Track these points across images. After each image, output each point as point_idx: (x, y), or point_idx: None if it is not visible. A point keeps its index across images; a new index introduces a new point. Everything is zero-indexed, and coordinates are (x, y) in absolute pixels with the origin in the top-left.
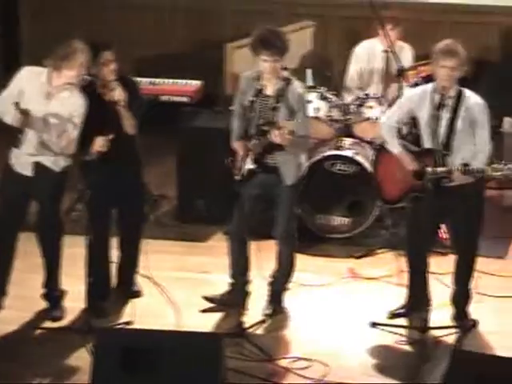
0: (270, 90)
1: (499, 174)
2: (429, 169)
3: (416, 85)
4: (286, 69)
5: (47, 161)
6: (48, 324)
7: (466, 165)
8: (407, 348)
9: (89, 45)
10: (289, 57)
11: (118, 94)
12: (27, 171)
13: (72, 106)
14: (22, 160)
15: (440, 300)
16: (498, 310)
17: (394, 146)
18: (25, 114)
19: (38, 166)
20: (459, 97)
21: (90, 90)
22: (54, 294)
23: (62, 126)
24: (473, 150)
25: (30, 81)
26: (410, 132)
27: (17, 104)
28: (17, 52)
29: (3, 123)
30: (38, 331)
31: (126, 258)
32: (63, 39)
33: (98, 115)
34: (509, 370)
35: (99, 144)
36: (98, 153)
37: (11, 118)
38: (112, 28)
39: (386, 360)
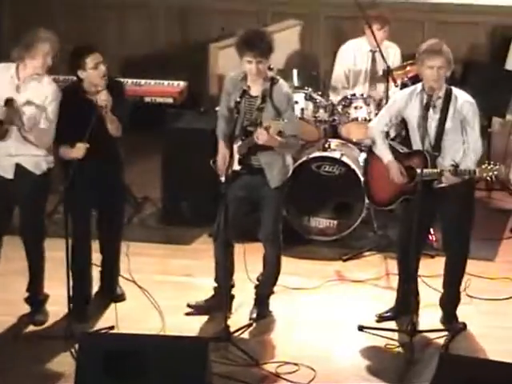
0: (255, 90)
1: (489, 174)
2: (419, 171)
3: (403, 85)
4: (271, 69)
5: (28, 163)
6: (31, 328)
7: (456, 166)
8: (396, 351)
9: (73, 49)
10: (275, 57)
11: (103, 98)
12: (9, 174)
13: (42, 94)
14: (4, 163)
15: (428, 302)
16: (487, 313)
17: (384, 154)
18: (9, 103)
19: (19, 169)
20: (448, 96)
21: (73, 91)
22: (37, 297)
23: (34, 116)
24: (463, 150)
25: (0, 75)
26: (398, 134)
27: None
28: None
29: None
30: (22, 336)
31: (107, 261)
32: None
33: (80, 117)
34: (497, 373)
35: (78, 151)
36: (75, 159)
37: None
38: (95, 28)
39: (374, 363)
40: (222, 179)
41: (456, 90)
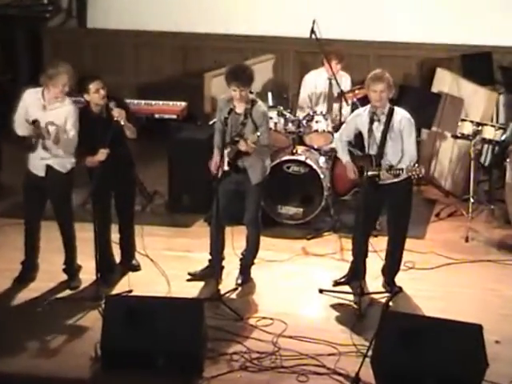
0: (240, 109)
1: (413, 173)
2: (370, 172)
3: (353, 104)
4: (251, 92)
5: (56, 164)
6: (68, 292)
7: (390, 166)
8: (348, 309)
9: (79, 78)
10: (254, 83)
11: (116, 114)
12: (41, 173)
13: (63, 112)
14: (37, 164)
15: (373, 271)
16: (418, 279)
17: (343, 157)
18: (34, 122)
19: (49, 169)
20: (390, 113)
21: (85, 112)
22: (71, 268)
23: (57, 132)
24: (401, 155)
25: (30, 99)
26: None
27: (27, 120)
28: None
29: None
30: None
31: (125, 239)
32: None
33: (93, 131)
34: (426, 325)
35: (102, 156)
36: (99, 162)
37: (24, 130)
38: (117, 61)
39: (331, 318)
40: (215, 175)
41: (397, 108)
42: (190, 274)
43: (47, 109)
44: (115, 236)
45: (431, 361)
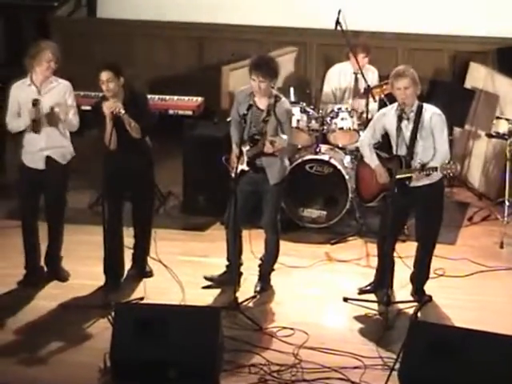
0: (262, 104)
1: (447, 171)
2: (394, 175)
3: (380, 100)
4: (273, 87)
5: (56, 155)
6: (75, 298)
7: (422, 165)
8: (374, 318)
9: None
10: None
11: (106, 105)
12: (40, 165)
13: (62, 89)
14: (36, 157)
15: (401, 279)
16: (449, 287)
17: (372, 160)
18: (36, 103)
19: (49, 160)
20: (419, 110)
21: (100, 103)
22: (57, 260)
23: (59, 111)
24: (433, 153)
25: (19, 91)
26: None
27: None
28: None
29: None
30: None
31: (138, 244)
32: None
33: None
34: (457, 336)
35: (107, 106)
36: (110, 114)
37: (23, 123)
38: (131, 54)
39: (356, 328)
40: (232, 175)
41: (426, 105)
42: (206, 277)
43: (42, 92)
44: (128, 240)
45: (463, 374)
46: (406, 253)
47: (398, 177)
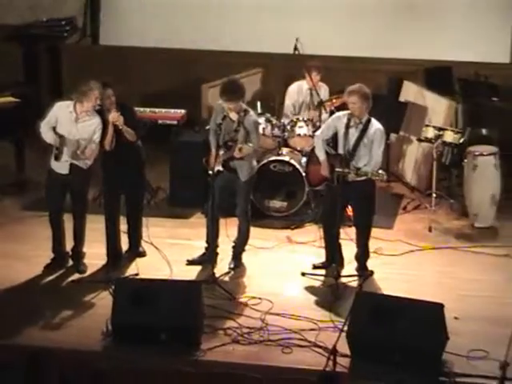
0: (233, 116)
1: (375, 177)
2: (337, 169)
3: (332, 112)
4: (243, 102)
5: (78, 162)
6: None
7: (357, 168)
8: (326, 289)
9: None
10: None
11: (112, 116)
12: (65, 171)
13: (92, 126)
14: (61, 164)
15: (349, 257)
16: (388, 264)
17: (320, 155)
18: (61, 137)
19: (73, 166)
20: (367, 124)
21: (100, 112)
22: (80, 255)
23: (87, 142)
24: (368, 159)
25: (61, 112)
26: (332, 140)
27: (54, 129)
28: (60, 91)
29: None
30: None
31: (133, 230)
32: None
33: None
34: (396, 304)
35: (113, 117)
36: (112, 123)
37: (50, 138)
38: (126, 74)
39: (312, 298)
40: (211, 173)
41: (374, 120)
42: (188, 260)
43: (79, 121)
44: (123, 227)
45: (399, 335)
46: (354, 235)
47: (336, 171)
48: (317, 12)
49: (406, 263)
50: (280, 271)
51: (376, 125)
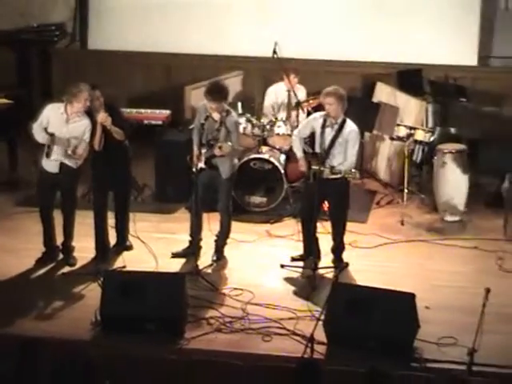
0: (216, 116)
1: (347, 176)
2: (313, 167)
3: (309, 112)
4: (225, 103)
5: (69, 161)
6: (69, 268)
7: (332, 166)
8: (303, 280)
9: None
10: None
11: (101, 117)
12: (55, 169)
13: (82, 126)
14: (51, 163)
15: (326, 250)
16: (362, 256)
17: (298, 152)
18: (51, 136)
19: (63, 165)
20: (342, 124)
21: (89, 113)
22: (70, 249)
23: (77, 142)
24: (343, 158)
25: (52, 113)
26: (309, 139)
27: (45, 129)
28: (50, 93)
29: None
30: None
31: (120, 224)
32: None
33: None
34: (370, 295)
35: (101, 117)
36: (101, 123)
37: (42, 138)
38: (112, 77)
39: (290, 288)
40: (194, 170)
41: (349, 121)
42: (173, 253)
43: (69, 122)
44: (111, 221)
45: (372, 323)
46: (330, 229)
47: (313, 168)
48: (294, 17)
49: (379, 255)
50: (260, 263)
51: (351, 125)
